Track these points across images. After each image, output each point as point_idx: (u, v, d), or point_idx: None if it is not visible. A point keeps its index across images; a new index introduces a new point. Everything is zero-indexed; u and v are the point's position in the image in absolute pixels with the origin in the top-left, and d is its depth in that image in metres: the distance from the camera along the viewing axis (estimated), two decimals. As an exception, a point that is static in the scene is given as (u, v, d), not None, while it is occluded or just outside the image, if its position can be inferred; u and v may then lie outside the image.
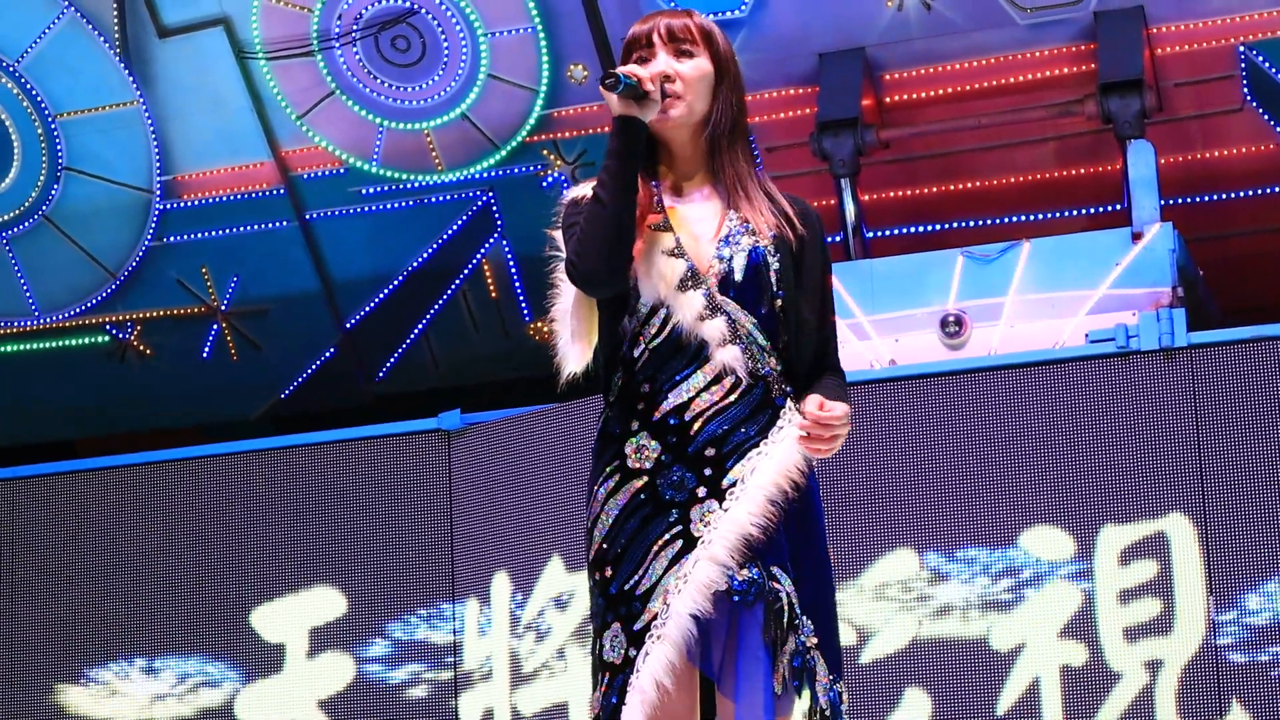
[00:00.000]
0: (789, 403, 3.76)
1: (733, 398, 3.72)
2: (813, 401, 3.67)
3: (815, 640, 3.71)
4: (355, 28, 9.65)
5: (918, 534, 7.13)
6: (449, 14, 9.55)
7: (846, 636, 7.02)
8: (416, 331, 10.29)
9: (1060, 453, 7.02)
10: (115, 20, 9.78)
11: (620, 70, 3.71)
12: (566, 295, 3.86)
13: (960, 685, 7.00)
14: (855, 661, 7.06)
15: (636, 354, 3.76)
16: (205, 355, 10.35)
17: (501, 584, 7.63)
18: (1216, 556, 6.82)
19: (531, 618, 7.55)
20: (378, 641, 7.87)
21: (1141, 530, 6.93)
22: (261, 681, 7.99)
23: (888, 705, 7.05)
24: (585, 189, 3.82)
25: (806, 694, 3.71)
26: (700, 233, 3.79)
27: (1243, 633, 6.80)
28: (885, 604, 7.09)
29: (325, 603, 7.94)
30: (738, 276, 3.76)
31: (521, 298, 10.16)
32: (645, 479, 3.72)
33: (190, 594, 8.09)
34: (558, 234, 3.85)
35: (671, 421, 3.71)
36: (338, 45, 9.69)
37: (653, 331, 3.74)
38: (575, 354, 3.85)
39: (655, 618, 3.65)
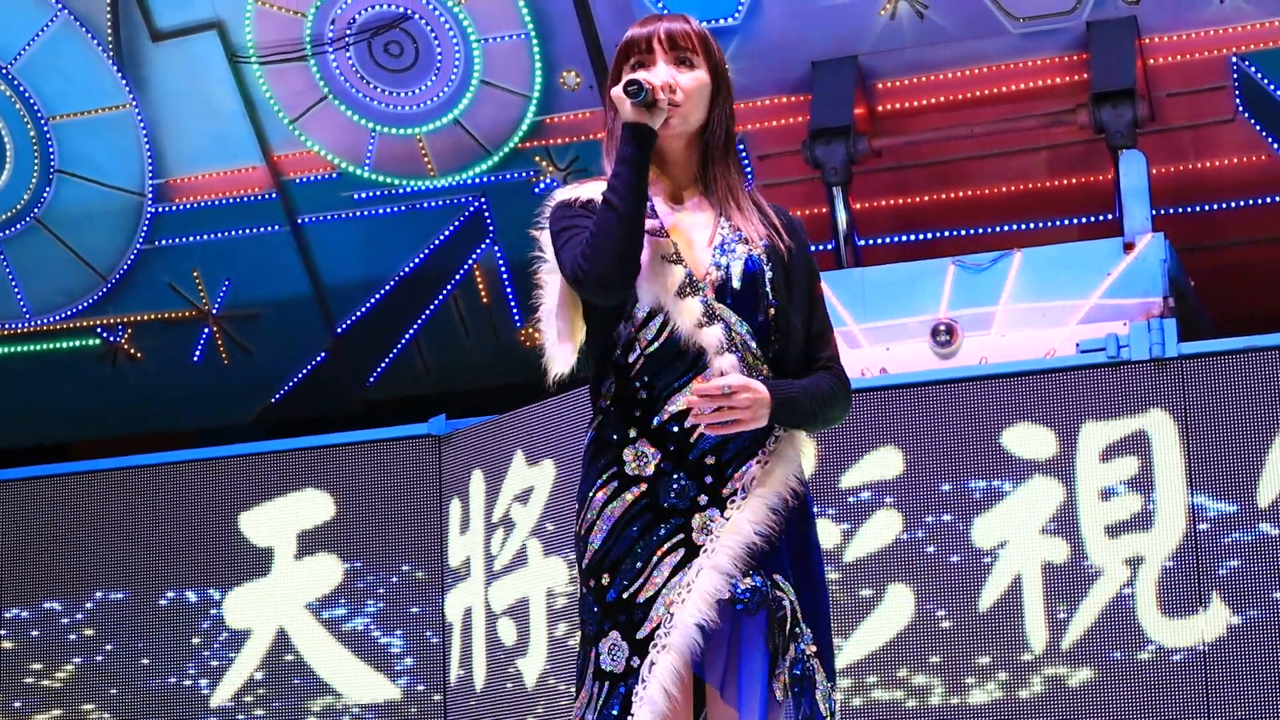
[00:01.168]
0: None
1: (730, 405, 3.71)
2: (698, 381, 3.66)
3: (814, 648, 3.72)
4: (348, 32, 9.65)
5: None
6: (442, 20, 9.55)
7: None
8: (408, 337, 10.29)
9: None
10: (108, 23, 9.77)
11: (639, 76, 3.69)
12: (551, 296, 3.82)
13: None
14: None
15: (631, 359, 3.74)
16: (196, 359, 10.34)
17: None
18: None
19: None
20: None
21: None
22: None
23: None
24: (575, 191, 3.81)
25: (805, 701, 3.70)
26: (695, 240, 3.79)
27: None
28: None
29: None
30: (735, 284, 3.75)
31: (513, 303, 10.15)
32: (645, 486, 3.70)
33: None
34: (543, 235, 3.83)
35: (671, 429, 3.70)
36: (331, 50, 9.68)
37: (649, 337, 3.73)
38: (563, 355, 3.82)
39: (659, 626, 3.64)
